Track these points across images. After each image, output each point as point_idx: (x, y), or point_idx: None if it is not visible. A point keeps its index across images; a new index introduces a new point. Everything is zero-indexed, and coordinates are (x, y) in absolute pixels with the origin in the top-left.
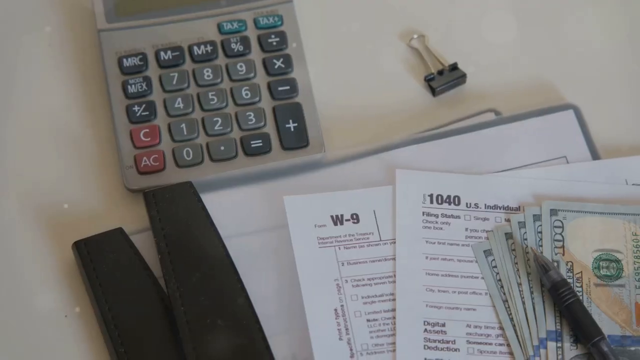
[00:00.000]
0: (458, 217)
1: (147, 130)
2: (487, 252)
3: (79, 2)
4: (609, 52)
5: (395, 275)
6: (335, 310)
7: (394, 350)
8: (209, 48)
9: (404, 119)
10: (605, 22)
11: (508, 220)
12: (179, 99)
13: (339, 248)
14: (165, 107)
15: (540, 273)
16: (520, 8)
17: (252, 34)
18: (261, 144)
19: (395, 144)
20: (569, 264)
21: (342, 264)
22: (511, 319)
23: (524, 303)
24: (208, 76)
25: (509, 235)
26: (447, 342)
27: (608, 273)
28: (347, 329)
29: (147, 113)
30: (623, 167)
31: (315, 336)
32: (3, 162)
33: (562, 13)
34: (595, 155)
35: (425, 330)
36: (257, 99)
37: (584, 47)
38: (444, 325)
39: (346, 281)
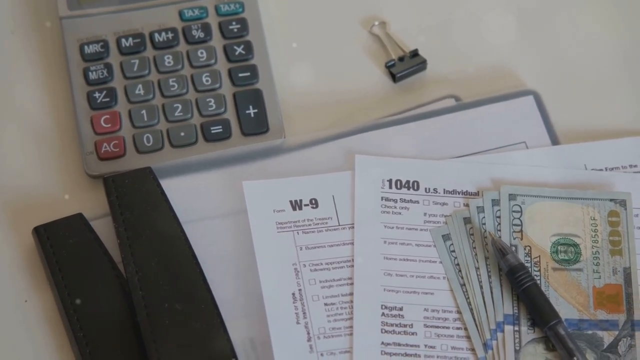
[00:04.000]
0: (417, 202)
1: (108, 116)
2: (446, 237)
3: None
4: (569, 39)
5: (353, 260)
6: (293, 294)
7: (351, 334)
8: (170, 35)
9: (365, 105)
10: (566, 9)
11: (467, 205)
12: (140, 86)
13: (298, 233)
14: (126, 93)
15: (497, 257)
16: None
17: (213, 20)
18: (221, 130)
19: (355, 129)
20: (527, 248)
21: (301, 249)
22: (469, 303)
23: (481, 287)
24: (169, 63)
25: (467, 220)
26: (405, 325)
27: (566, 257)
28: (304, 313)
29: (108, 99)
30: (582, 152)
31: (272, 320)
32: None
33: (523, 0)
34: (554, 141)
35: (383, 314)
36: (218, 85)
37: (544, 34)
38: (401, 309)
39: (304, 265)
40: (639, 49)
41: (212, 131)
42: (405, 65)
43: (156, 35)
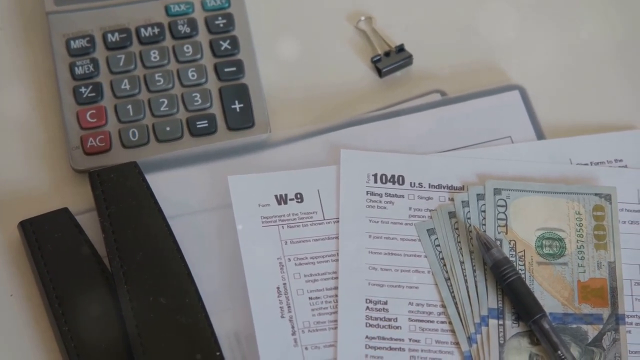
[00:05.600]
0: (402, 196)
1: (94, 111)
2: (431, 231)
3: None
4: (554, 34)
5: (338, 254)
6: (278, 288)
7: (336, 328)
8: (156, 30)
9: (351, 100)
10: (552, 5)
11: (452, 200)
12: (126, 81)
13: (283, 227)
14: (112, 88)
15: (482, 251)
16: None
17: (199, 15)
18: (207, 125)
19: (340, 124)
20: (512, 242)
21: (285, 243)
22: (453, 297)
23: (466, 281)
24: (155, 58)
25: (452, 214)
26: (389, 319)
27: (551, 251)
28: (289, 307)
29: (94, 94)
30: (567, 146)
31: (257, 314)
32: None
33: None
34: (540, 135)
35: (367, 308)
36: (204, 80)
37: (530, 29)
38: (386, 303)
39: (289, 260)
40: (624, 44)
41: (198, 126)
42: (391, 60)
43: (142, 30)
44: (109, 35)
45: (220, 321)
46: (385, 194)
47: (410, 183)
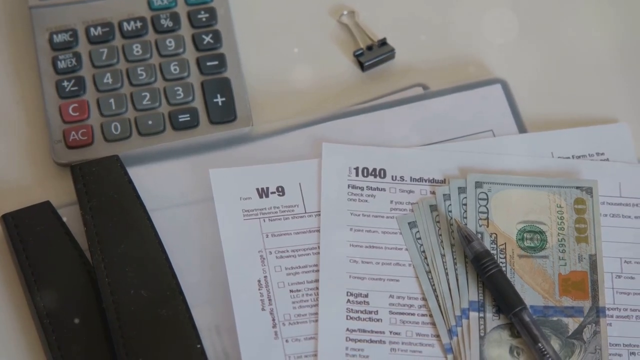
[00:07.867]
0: (383, 189)
1: (76, 105)
2: (412, 224)
3: None
4: (536, 27)
5: (319, 247)
6: (259, 281)
7: (317, 321)
8: (138, 24)
9: (333, 93)
10: None
11: (433, 193)
12: (108, 74)
13: (264, 220)
14: (94, 82)
15: (463, 244)
16: None
17: (182, 10)
18: (189, 118)
19: (323, 117)
20: (493, 235)
21: (267, 236)
22: (434, 290)
23: (447, 274)
24: (137, 52)
25: (433, 208)
26: (370, 312)
27: (532, 244)
28: (270, 300)
29: (77, 88)
30: (549, 140)
31: (238, 307)
32: None
33: None
34: (522, 129)
35: (348, 300)
36: (186, 74)
37: (512, 22)
38: (366, 295)
39: (270, 253)
40: (606, 38)
41: (180, 119)
42: (373, 54)
43: (125, 24)
44: (92, 29)
45: (201, 314)
46: (367, 187)
47: (392, 176)
